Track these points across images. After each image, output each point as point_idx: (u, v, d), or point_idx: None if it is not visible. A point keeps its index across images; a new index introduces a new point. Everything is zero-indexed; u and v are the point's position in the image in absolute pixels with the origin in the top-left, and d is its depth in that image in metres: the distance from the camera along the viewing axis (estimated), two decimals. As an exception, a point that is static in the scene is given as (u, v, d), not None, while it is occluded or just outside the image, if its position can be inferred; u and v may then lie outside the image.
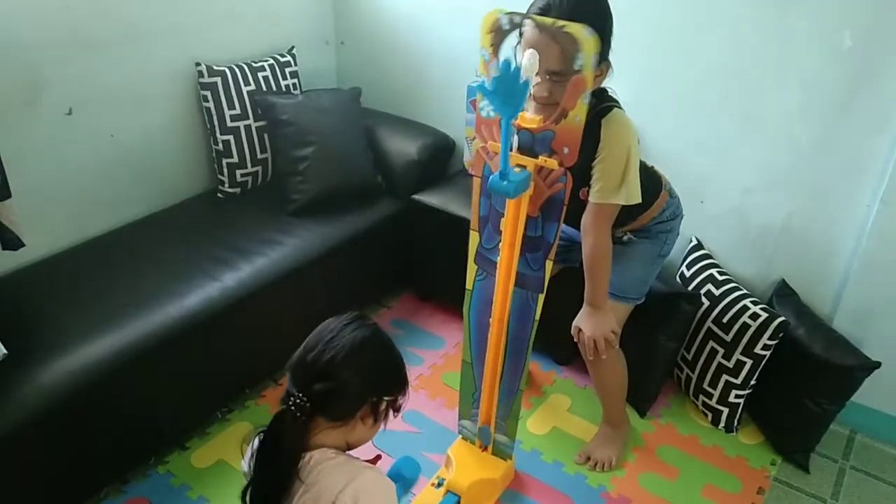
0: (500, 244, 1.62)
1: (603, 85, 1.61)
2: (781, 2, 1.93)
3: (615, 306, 1.81)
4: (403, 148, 2.67)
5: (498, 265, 1.64)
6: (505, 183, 1.47)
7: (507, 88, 1.37)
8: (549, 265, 1.62)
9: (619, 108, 1.63)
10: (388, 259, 2.67)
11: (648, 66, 2.18)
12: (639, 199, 1.63)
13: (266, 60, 2.57)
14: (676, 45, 2.15)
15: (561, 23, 1.38)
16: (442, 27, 2.67)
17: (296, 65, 2.66)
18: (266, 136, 2.53)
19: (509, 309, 1.69)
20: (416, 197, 2.57)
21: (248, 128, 2.49)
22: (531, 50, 1.41)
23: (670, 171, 1.95)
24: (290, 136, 2.47)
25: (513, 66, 1.35)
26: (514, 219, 1.57)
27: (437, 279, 2.65)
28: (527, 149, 1.54)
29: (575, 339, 1.78)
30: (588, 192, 1.64)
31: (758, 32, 2.00)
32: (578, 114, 1.43)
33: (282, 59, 2.62)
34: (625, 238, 1.87)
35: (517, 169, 1.53)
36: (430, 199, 2.56)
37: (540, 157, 1.52)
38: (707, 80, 2.12)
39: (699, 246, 2.30)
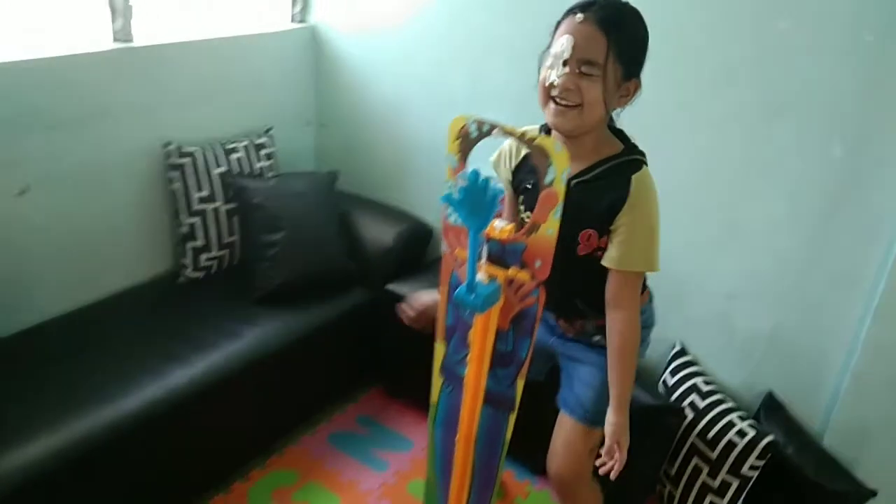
0: (469, 357, 1.50)
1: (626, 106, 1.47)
2: (769, 107, 1.88)
3: (590, 433, 1.65)
4: (379, 235, 2.58)
5: (465, 381, 1.51)
6: (472, 296, 1.36)
7: (474, 199, 1.28)
8: (521, 383, 1.50)
9: (646, 164, 1.49)
10: (356, 351, 2.54)
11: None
12: (658, 269, 1.49)
13: (241, 141, 2.49)
14: (660, 145, 2.07)
15: (532, 135, 1.30)
16: (424, 113, 2.62)
17: (272, 146, 2.59)
18: (235, 219, 2.43)
19: (477, 429, 1.55)
20: (389, 287, 2.46)
21: (216, 210, 2.39)
22: (567, 35, 1.33)
23: (650, 275, 1.85)
24: (260, 221, 2.37)
25: (481, 176, 1.26)
26: (482, 332, 1.46)
27: (408, 375, 2.51)
28: (497, 258, 1.44)
29: (608, 461, 1.50)
30: (589, 247, 1.49)
31: (744, 137, 1.94)
32: (550, 227, 1.34)
33: (258, 141, 2.54)
34: (595, 338, 1.70)
35: (486, 279, 1.43)
36: (405, 289, 2.43)
37: (511, 268, 1.42)
38: (691, 182, 2.05)
39: (683, 351, 2.19)
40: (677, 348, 2.20)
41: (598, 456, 1.53)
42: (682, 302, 2.16)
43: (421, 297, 1.75)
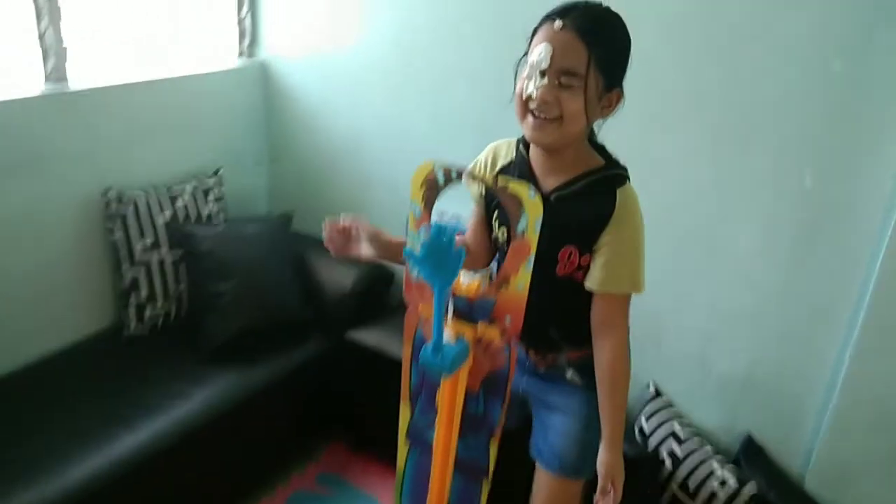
0: (437, 421, 1.38)
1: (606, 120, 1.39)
2: (739, 135, 1.83)
3: (570, 484, 1.55)
4: (337, 278, 2.45)
5: (434, 447, 1.39)
6: (439, 357, 1.25)
7: (438, 256, 1.18)
8: (494, 448, 1.39)
9: (629, 179, 1.39)
10: (315, 405, 2.40)
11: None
12: (643, 290, 1.39)
13: (187, 184, 2.35)
14: (630, 175, 2.02)
15: (504, 182, 1.20)
16: (381, 145, 2.52)
17: (221, 188, 2.45)
18: (182, 268, 2.28)
19: (448, 499, 1.43)
20: (349, 335, 2.33)
21: (161, 260, 2.24)
22: (545, 44, 1.24)
23: None
24: (208, 270, 2.23)
25: (444, 230, 1.16)
26: (450, 395, 1.34)
27: (372, 427, 2.38)
28: (464, 314, 1.34)
29: (601, 500, 1.38)
30: (569, 267, 1.37)
31: (717, 166, 1.88)
32: (522, 281, 1.24)
33: (205, 184, 2.40)
34: (569, 374, 1.57)
35: (453, 337, 1.32)
36: (366, 337, 2.32)
37: (479, 324, 1.31)
38: (663, 213, 1.98)
39: (658, 393, 2.10)
40: (652, 390, 2.11)
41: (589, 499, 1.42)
42: (655, 339, 2.08)
43: (361, 226, 1.51)
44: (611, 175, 1.37)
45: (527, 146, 1.41)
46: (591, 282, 1.37)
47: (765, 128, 1.79)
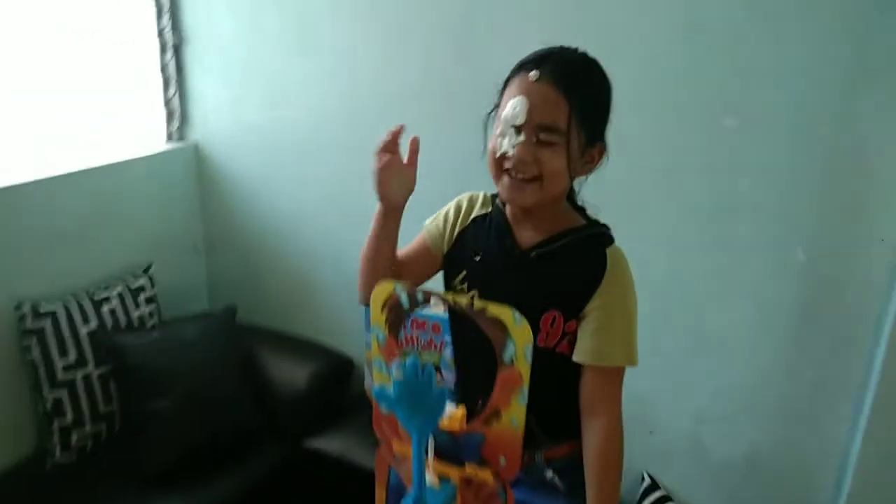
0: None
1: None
2: (722, 208, 1.70)
3: None
4: (290, 377, 2.22)
5: None
6: (422, 512, 1.04)
7: (416, 397, 0.98)
8: None
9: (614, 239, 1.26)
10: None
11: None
12: (638, 363, 1.22)
13: (114, 288, 2.10)
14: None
15: (482, 305, 1.01)
16: (325, 225, 2.32)
17: (153, 288, 2.20)
18: (112, 384, 2.02)
19: None
20: (307, 444, 2.09)
21: (87, 378, 1.97)
22: (520, 97, 1.10)
23: None
24: (142, 385, 1.97)
25: (420, 366, 0.96)
26: (438, 550, 1.13)
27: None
28: (448, 453, 1.13)
29: None
30: (553, 337, 1.19)
31: (701, 240, 1.74)
32: (514, 415, 1.04)
33: (134, 285, 2.15)
34: (548, 474, 1.33)
35: (436, 481, 1.11)
36: (326, 444, 2.09)
37: (468, 465, 1.11)
38: (646, 291, 1.82)
39: (654, 486, 1.92)
40: (647, 482, 1.93)
41: None
42: (646, 426, 1.91)
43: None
44: (597, 233, 1.24)
45: (504, 204, 1.25)
46: (582, 354, 1.18)
47: (750, 202, 1.66)
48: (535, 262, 1.19)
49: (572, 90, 1.10)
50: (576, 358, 1.19)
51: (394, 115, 2.06)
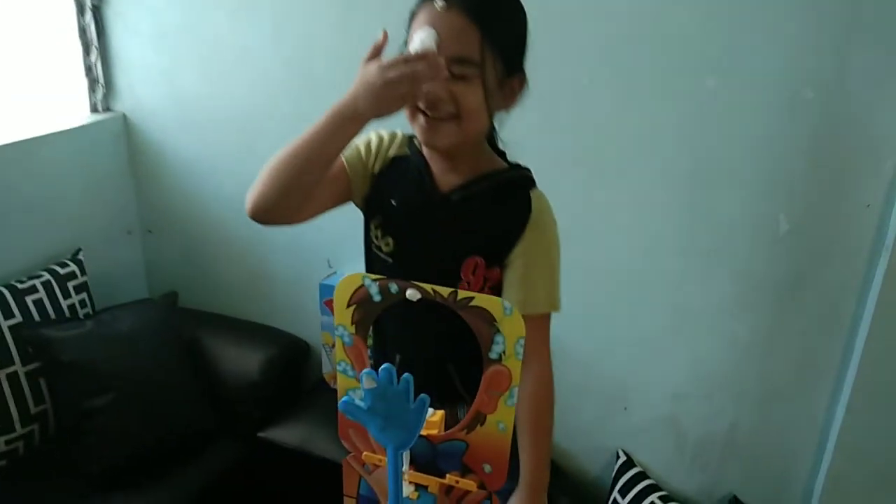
0: None
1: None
2: (701, 181, 1.60)
3: None
4: (241, 365, 2.06)
5: None
6: (400, 531, 0.92)
7: (391, 408, 0.85)
8: None
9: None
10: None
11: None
12: (560, 308, 1.15)
13: (38, 277, 1.89)
14: (580, 225, 1.74)
15: (466, 294, 0.89)
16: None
17: (83, 274, 2.00)
18: (42, 382, 1.83)
19: None
20: (263, 435, 1.95)
21: (13, 377, 1.78)
22: (428, 28, 0.99)
23: (582, 373, 1.63)
24: (76, 381, 1.80)
25: (395, 374, 0.84)
26: (417, 568, 1.02)
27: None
28: (426, 462, 1.01)
29: None
30: (475, 283, 1.12)
31: (679, 211, 1.64)
32: (501, 419, 0.93)
33: (62, 271, 1.95)
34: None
35: (413, 493, 1.00)
36: (283, 435, 1.95)
37: (448, 475, 0.99)
38: (623, 266, 1.73)
39: (629, 462, 1.85)
40: (622, 459, 1.85)
41: None
42: (621, 403, 1.84)
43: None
44: (519, 176, 1.16)
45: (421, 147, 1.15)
46: (509, 302, 1.08)
47: (730, 168, 1.57)
48: (455, 206, 1.11)
49: (484, 18, 1.00)
50: None
51: (351, 83, 1.92)
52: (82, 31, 2.09)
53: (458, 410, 1.20)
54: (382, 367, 0.84)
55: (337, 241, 2.01)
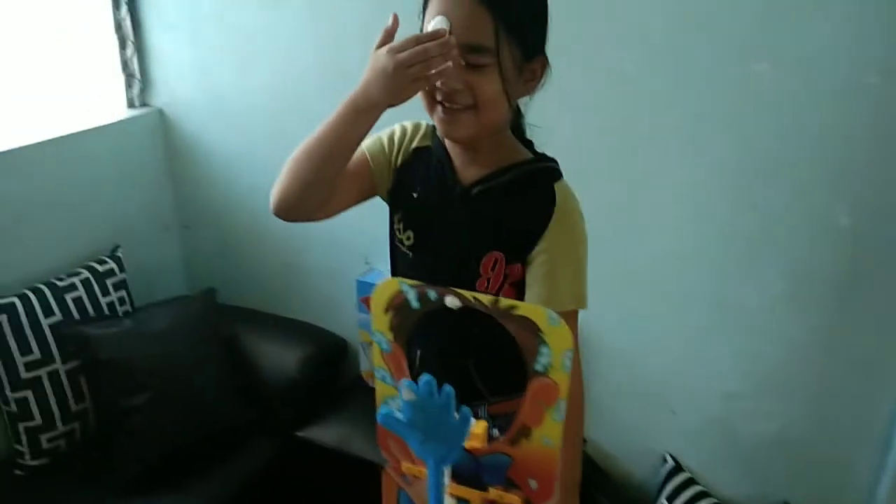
0: None
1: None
2: (753, 167, 1.52)
3: None
4: (279, 362, 2.05)
5: None
6: (441, 549, 0.88)
7: (432, 422, 0.81)
8: None
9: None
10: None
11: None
12: (587, 306, 1.08)
13: (78, 274, 1.89)
14: (624, 220, 1.68)
15: (509, 303, 0.84)
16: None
17: (122, 271, 2.00)
18: (82, 379, 1.83)
19: None
20: (300, 434, 1.93)
21: (53, 374, 1.79)
22: (440, 17, 0.95)
23: (626, 373, 1.58)
24: (113, 381, 1.80)
25: (435, 386, 0.79)
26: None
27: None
28: (468, 476, 0.97)
29: None
30: (495, 280, 1.06)
31: (728, 205, 1.57)
32: (548, 434, 0.88)
33: (101, 268, 1.95)
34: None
35: (454, 505, 0.96)
36: (321, 434, 1.93)
37: (491, 489, 0.94)
38: (666, 262, 1.66)
39: (678, 467, 1.78)
40: (670, 464, 1.79)
41: None
42: (668, 406, 1.77)
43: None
44: (544, 168, 1.09)
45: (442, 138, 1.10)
46: (532, 301, 1.03)
47: (783, 159, 1.48)
48: (476, 200, 1.06)
49: (496, 1, 0.94)
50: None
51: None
52: (118, 26, 2.08)
53: (479, 410, 1.15)
54: (422, 379, 0.80)
55: (374, 238, 1.95)
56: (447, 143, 1.10)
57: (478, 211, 1.06)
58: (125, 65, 2.13)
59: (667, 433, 1.78)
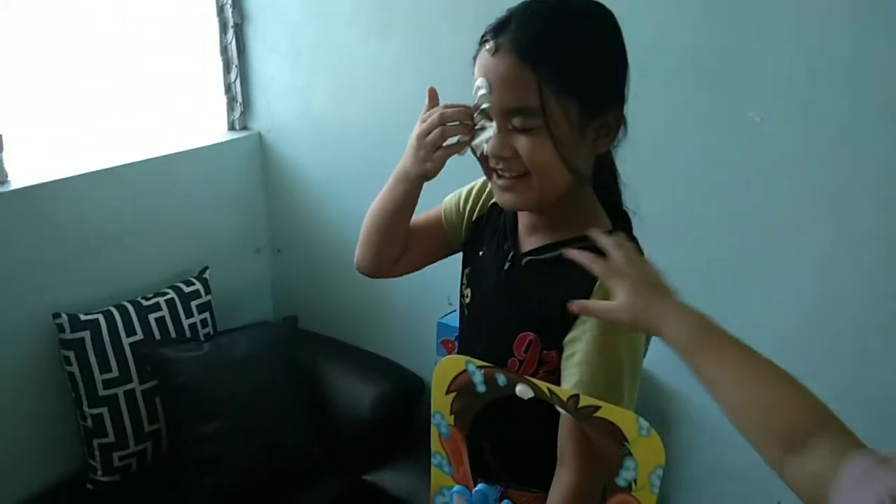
0: None
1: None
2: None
3: None
4: (353, 399, 1.97)
5: None
6: None
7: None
8: None
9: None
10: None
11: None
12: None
13: (164, 295, 1.90)
14: (737, 304, 1.50)
15: (591, 402, 0.70)
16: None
17: (207, 293, 1.99)
18: (157, 401, 1.82)
19: None
20: (368, 478, 1.85)
21: (130, 393, 1.78)
22: (481, 80, 0.87)
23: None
24: (188, 406, 1.78)
25: (490, 498, 0.67)
26: None
27: None
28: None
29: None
30: (528, 364, 0.93)
31: (862, 284, 1.35)
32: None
33: (187, 289, 1.95)
34: None
35: None
36: (389, 481, 1.84)
37: None
38: (770, 341, 1.46)
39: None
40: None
41: None
42: (773, 497, 1.55)
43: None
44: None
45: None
46: (569, 385, 0.87)
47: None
48: (523, 272, 0.97)
49: (538, 56, 0.83)
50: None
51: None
52: (224, 50, 2.10)
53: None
54: (477, 488, 0.68)
55: (458, 279, 1.88)
56: None
57: (520, 283, 0.96)
58: (228, 88, 2.15)
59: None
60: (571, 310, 0.81)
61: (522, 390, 0.75)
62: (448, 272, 1.75)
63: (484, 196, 1.08)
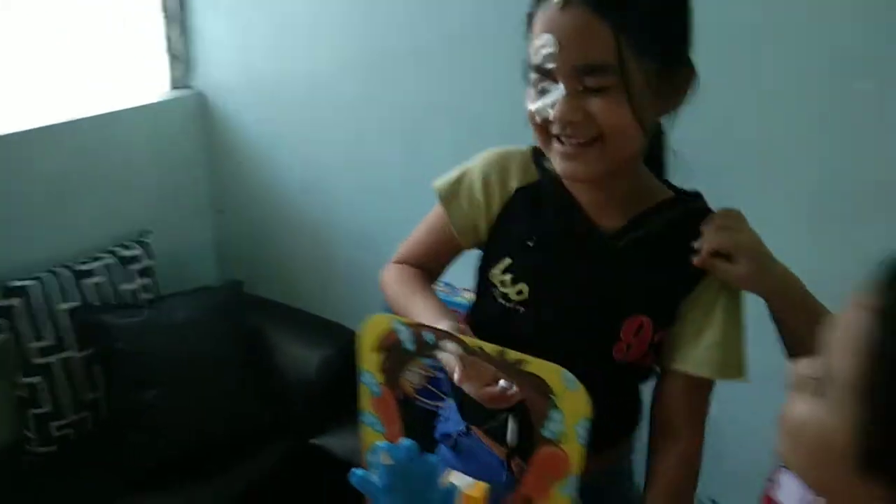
0: None
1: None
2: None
3: None
4: (299, 362, 1.95)
5: None
6: None
7: (414, 487, 0.69)
8: None
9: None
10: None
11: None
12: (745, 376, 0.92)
13: (102, 259, 1.84)
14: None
15: (516, 355, 0.70)
16: (346, 194, 2.03)
17: (149, 258, 1.94)
18: (97, 369, 1.78)
19: None
20: (315, 442, 1.84)
21: (66, 362, 1.74)
22: (547, 36, 0.78)
23: None
24: (127, 373, 1.74)
25: (416, 452, 0.67)
26: None
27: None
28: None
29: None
30: (637, 348, 0.90)
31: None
32: (558, 510, 0.74)
33: (126, 253, 1.89)
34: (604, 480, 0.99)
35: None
36: (336, 444, 1.83)
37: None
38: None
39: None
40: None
41: None
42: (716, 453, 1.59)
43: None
44: (696, 208, 0.91)
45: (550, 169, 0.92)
46: (695, 364, 0.88)
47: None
48: (623, 253, 0.89)
49: (616, 8, 0.76)
50: (693, 370, 0.89)
51: (429, 67, 1.76)
52: (165, 6, 2.02)
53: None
54: (403, 443, 0.67)
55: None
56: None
57: (625, 266, 0.90)
58: (170, 47, 2.07)
59: (709, 480, 1.61)
60: (696, 264, 0.85)
61: (453, 346, 0.74)
62: (398, 231, 1.74)
63: (498, 187, 0.97)
